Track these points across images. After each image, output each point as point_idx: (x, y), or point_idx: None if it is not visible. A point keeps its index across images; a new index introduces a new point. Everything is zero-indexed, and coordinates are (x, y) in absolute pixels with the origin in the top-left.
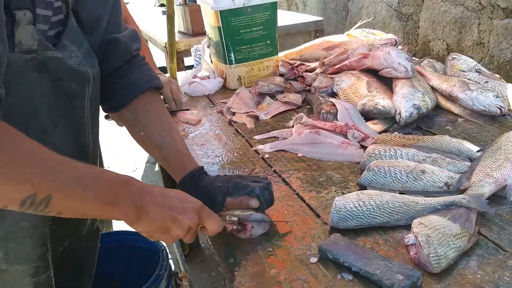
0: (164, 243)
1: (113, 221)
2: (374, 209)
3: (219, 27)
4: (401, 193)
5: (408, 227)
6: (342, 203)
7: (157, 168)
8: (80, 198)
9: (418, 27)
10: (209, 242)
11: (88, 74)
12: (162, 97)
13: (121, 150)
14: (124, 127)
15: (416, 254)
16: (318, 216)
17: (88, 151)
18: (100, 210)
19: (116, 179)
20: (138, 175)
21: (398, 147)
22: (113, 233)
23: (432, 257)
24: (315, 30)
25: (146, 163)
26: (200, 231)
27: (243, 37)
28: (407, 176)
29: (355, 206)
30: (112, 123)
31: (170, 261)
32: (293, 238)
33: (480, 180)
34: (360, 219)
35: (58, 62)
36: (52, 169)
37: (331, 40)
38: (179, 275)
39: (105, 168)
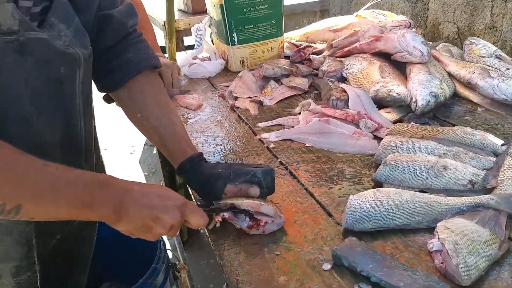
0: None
1: None
2: (393, 209)
3: (221, 5)
4: (420, 191)
5: (430, 230)
6: (357, 203)
7: (155, 150)
8: (52, 203)
9: (428, 9)
10: (211, 243)
11: (78, 56)
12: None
13: (118, 133)
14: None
15: (442, 263)
16: (330, 215)
17: (79, 139)
18: (75, 213)
19: (92, 180)
20: (136, 158)
21: (416, 139)
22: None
23: (461, 267)
24: (321, 10)
25: (144, 145)
26: (184, 223)
27: (247, 16)
28: (428, 172)
29: (371, 206)
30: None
31: (168, 251)
32: (303, 239)
33: (509, 178)
34: (378, 220)
35: (43, 43)
36: (21, 177)
37: (339, 21)
38: (177, 266)
39: (83, 170)
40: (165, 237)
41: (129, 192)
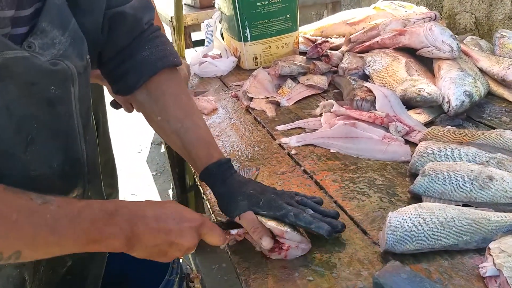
0: None
1: None
2: (437, 228)
3: (233, 0)
4: (464, 205)
5: (478, 250)
6: (398, 221)
7: (162, 149)
8: (56, 245)
9: None
10: (235, 266)
11: (70, 72)
12: None
13: (125, 132)
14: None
15: None
16: (365, 232)
17: (81, 162)
18: (83, 249)
19: (100, 213)
20: (143, 157)
21: (455, 145)
22: None
23: None
24: (332, 2)
25: (152, 144)
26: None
27: (260, 10)
28: (472, 183)
29: (414, 225)
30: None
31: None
32: (337, 262)
33: None
34: (421, 241)
35: (25, 63)
36: (15, 224)
37: (355, 13)
38: (191, 276)
39: (88, 200)
40: None
41: (142, 218)
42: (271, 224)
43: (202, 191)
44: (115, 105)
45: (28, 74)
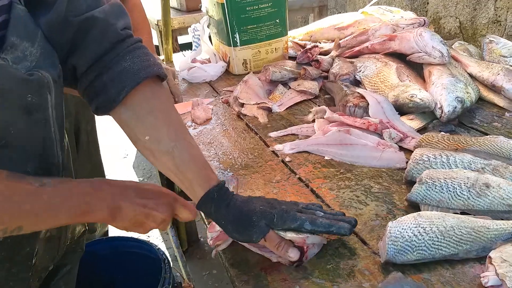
0: (165, 254)
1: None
2: (438, 237)
3: (222, 4)
4: (462, 212)
5: (479, 259)
6: (398, 231)
7: None
8: (52, 219)
9: (428, 3)
10: (233, 280)
11: (46, 80)
12: None
13: (110, 136)
14: None
15: None
16: (364, 243)
17: (56, 168)
18: (75, 221)
19: (88, 189)
20: (129, 162)
21: (450, 152)
22: (108, 239)
23: None
24: (319, 7)
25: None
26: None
27: (250, 15)
28: (469, 191)
29: (414, 234)
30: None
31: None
32: (337, 273)
33: None
34: (422, 251)
35: (3, 72)
36: (18, 204)
37: (343, 18)
38: (183, 285)
39: (79, 179)
40: (167, 254)
41: (123, 191)
42: (291, 235)
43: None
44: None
45: (4, 82)
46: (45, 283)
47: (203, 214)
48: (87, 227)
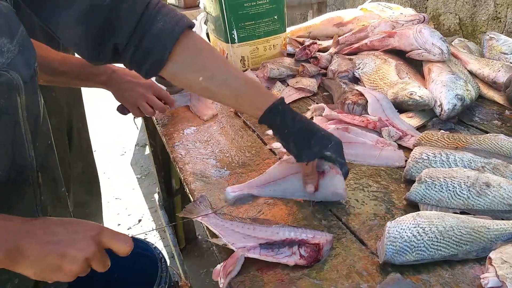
0: (162, 253)
1: (104, 221)
2: (437, 238)
3: (220, 0)
4: (461, 212)
5: (478, 260)
6: (396, 231)
7: (147, 151)
8: None
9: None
10: (230, 280)
11: (15, 82)
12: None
13: (108, 134)
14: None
15: None
16: (362, 243)
17: (30, 171)
18: None
19: None
20: (127, 160)
21: (450, 151)
22: None
23: None
24: (318, 3)
25: (136, 146)
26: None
27: (248, 11)
28: (469, 190)
29: (413, 235)
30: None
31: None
32: (335, 274)
33: None
34: (421, 251)
35: None
36: None
37: (342, 14)
38: (180, 284)
39: None
40: (165, 252)
41: (28, 231)
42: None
43: (192, 199)
44: (123, 110)
45: None
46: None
47: (209, 225)
48: None
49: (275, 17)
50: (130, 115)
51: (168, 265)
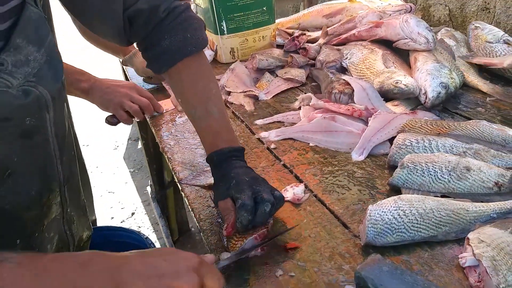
0: (154, 244)
1: (96, 213)
2: (417, 220)
3: None
4: (442, 196)
5: (458, 241)
6: (378, 214)
7: (140, 145)
8: None
9: None
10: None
11: (44, 99)
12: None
13: (100, 128)
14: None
15: (479, 282)
16: (345, 226)
17: (57, 184)
18: None
19: (70, 264)
20: (120, 154)
21: (432, 137)
22: (97, 229)
23: (502, 287)
24: None
25: (128, 140)
26: None
27: (236, 3)
28: (450, 174)
29: (394, 217)
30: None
31: None
32: (318, 256)
33: None
34: (402, 233)
35: None
36: None
37: (331, 5)
38: None
39: (55, 254)
40: (158, 244)
41: (125, 265)
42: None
43: (180, 188)
44: (112, 119)
45: (1, 111)
46: None
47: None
48: (92, 230)
49: (264, 8)
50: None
51: None
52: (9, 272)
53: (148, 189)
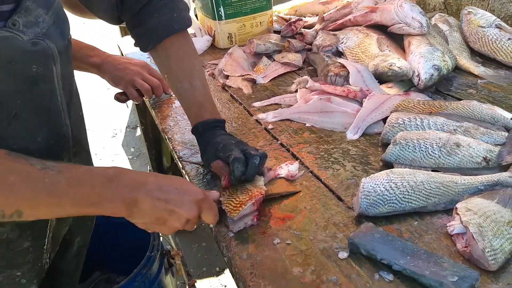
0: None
1: None
2: (408, 191)
3: None
4: (433, 170)
5: (447, 211)
6: (370, 186)
7: (138, 133)
8: (55, 206)
9: None
10: (216, 235)
11: (51, 51)
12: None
13: (98, 115)
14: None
15: (466, 247)
16: (340, 199)
17: (66, 138)
18: (83, 212)
19: (99, 177)
20: (118, 141)
21: (424, 116)
22: None
23: (488, 252)
24: None
25: (127, 127)
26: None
27: None
28: (440, 150)
29: (386, 189)
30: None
31: (161, 238)
32: (314, 226)
33: None
34: (393, 204)
35: (5, 43)
36: (14, 186)
37: None
38: (172, 253)
39: (90, 166)
40: None
41: (143, 185)
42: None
43: (181, 166)
44: (121, 96)
45: (8, 53)
46: (60, 254)
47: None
48: None
49: None
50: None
51: (160, 235)
52: (50, 178)
53: None
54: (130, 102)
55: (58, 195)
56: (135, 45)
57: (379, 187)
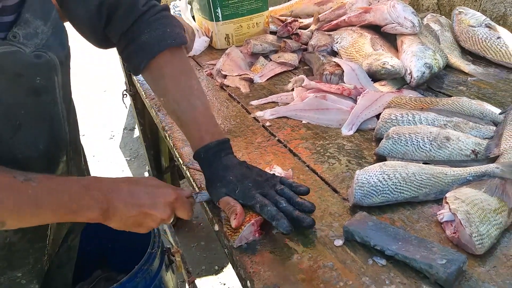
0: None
1: None
2: (400, 182)
3: None
4: (424, 163)
5: (437, 201)
6: (364, 177)
7: (136, 134)
8: (37, 216)
9: None
10: (218, 230)
11: (53, 63)
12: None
13: (97, 117)
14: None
15: (454, 233)
16: (335, 191)
17: (65, 143)
18: (62, 219)
19: (76, 186)
20: (116, 143)
21: (416, 111)
22: None
23: (475, 236)
24: None
25: (124, 129)
26: None
27: None
28: (431, 144)
29: (379, 180)
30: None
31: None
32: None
33: None
34: (386, 194)
35: (13, 57)
36: None
37: None
38: (172, 250)
39: (67, 177)
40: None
41: (117, 191)
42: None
43: (189, 174)
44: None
45: (15, 67)
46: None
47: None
48: None
49: None
50: (119, 96)
51: (160, 232)
52: (32, 189)
53: (146, 174)
54: (127, 100)
55: (40, 205)
56: (127, 69)
57: (372, 178)
